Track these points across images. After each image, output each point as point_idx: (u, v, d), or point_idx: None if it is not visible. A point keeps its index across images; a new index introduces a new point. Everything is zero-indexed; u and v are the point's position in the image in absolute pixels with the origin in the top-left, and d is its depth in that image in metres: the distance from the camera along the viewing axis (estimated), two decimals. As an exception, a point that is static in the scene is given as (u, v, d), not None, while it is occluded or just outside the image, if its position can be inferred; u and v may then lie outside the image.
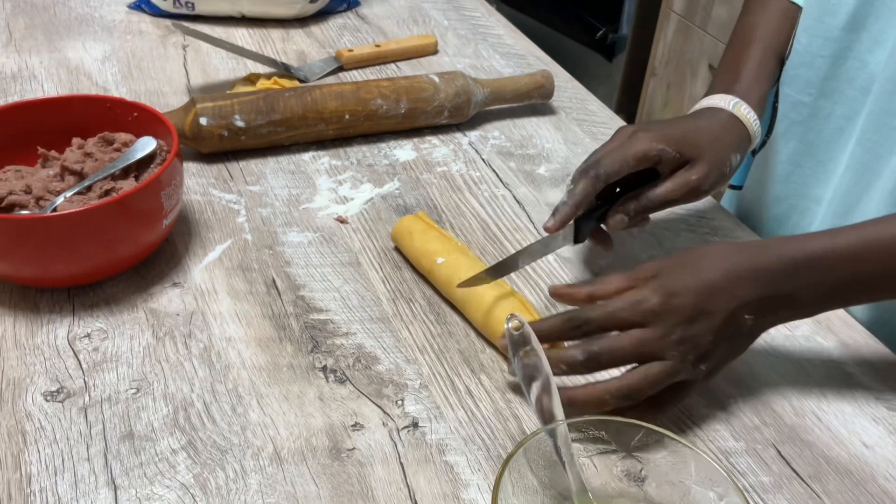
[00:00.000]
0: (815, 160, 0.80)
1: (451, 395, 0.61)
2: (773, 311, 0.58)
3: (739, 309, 0.57)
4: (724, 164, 0.69)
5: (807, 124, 0.79)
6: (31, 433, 0.56)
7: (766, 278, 0.57)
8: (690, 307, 0.56)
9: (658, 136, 0.66)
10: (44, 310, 0.66)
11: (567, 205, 0.65)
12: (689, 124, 0.70)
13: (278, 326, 0.66)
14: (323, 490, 0.54)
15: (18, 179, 0.69)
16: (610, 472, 0.53)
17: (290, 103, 0.84)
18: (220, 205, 0.79)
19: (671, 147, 0.66)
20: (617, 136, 0.68)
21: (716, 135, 0.69)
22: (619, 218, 0.67)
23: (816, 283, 0.57)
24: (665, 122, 0.69)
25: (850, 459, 0.59)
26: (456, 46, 1.10)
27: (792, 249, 0.58)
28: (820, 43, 0.75)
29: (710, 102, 0.73)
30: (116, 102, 0.74)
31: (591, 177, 0.65)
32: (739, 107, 0.72)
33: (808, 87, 0.78)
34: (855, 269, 0.57)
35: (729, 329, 0.57)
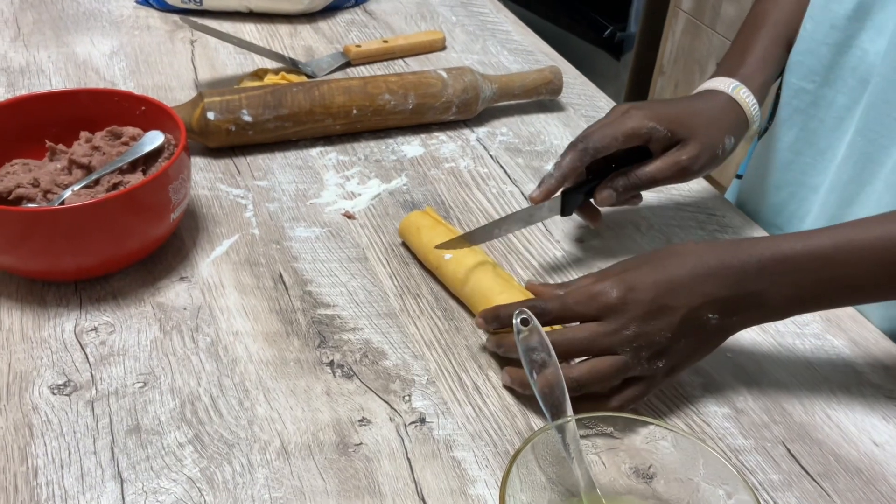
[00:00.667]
0: (815, 149, 0.80)
1: (459, 391, 0.61)
2: (740, 311, 0.57)
3: (702, 307, 0.56)
4: (716, 147, 0.69)
5: (808, 112, 0.79)
6: (38, 426, 0.56)
7: (733, 277, 0.56)
8: (648, 303, 0.56)
9: (651, 114, 0.67)
10: (51, 303, 0.65)
11: (553, 176, 0.66)
12: (685, 105, 0.70)
13: (285, 321, 0.66)
14: (330, 485, 0.53)
15: (26, 172, 0.69)
16: (618, 469, 0.53)
17: (298, 98, 0.84)
18: (228, 199, 0.78)
19: (663, 126, 0.66)
20: (611, 113, 0.69)
21: (711, 117, 0.69)
22: (607, 193, 0.68)
23: (784, 284, 0.56)
24: (661, 102, 0.70)
25: (860, 457, 0.58)
26: (464, 42, 1.10)
27: (762, 249, 0.57)
28: (825, 30, 0.75)
29: (711, 85, 0.73)
30: (124, 96, 0.74)
31: (579, 150, 0.66)
32: (739, 90, 0.72)
33: (811, 74, 0.77)
34: (824, 271, 0.56)
35: (690, 327, 0.56)
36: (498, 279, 0.66)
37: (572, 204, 0.68)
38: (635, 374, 0.57)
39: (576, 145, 0.66)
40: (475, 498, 0.54)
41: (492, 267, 0.68)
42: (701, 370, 0.64)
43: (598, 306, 0.57)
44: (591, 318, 0.57)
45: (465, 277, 0.67)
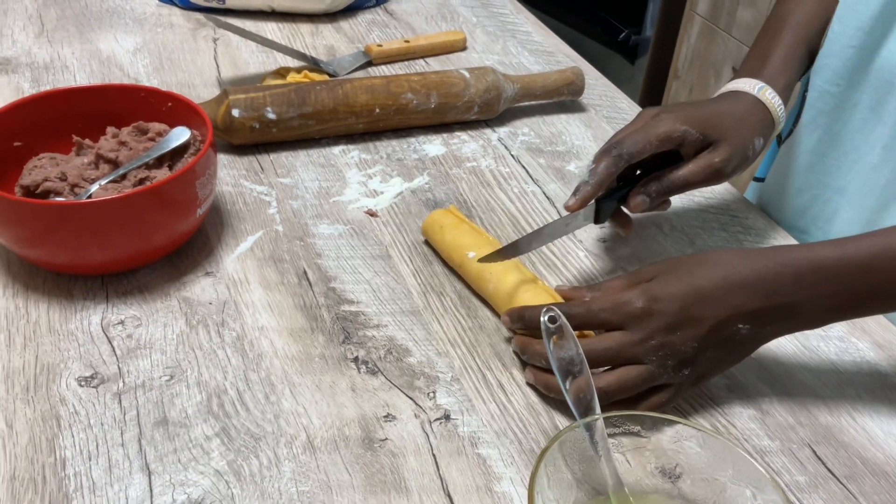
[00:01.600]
0: (839, 151, 0.79)
1: (483, 389, 0.61)
2: (773, 321, 0.57)
3: (731, 318, 0.56)
4: (746, 148, 0.68)
5: (833, 115, 0.79)
6: (66, 418, 0.56)
7: (766, 288, 0.56)
8: (673, 313, 0.56)
9: (681, 117, 0.66)
10: (77, 296, 0.66)
11: (589, 184, 0.65)
12: (714, 107, 0.70)
13: (310, 317, 0.66)
14: (356, 479, 0.54)
15: (53, 166, 0.70)
16: (644, 469, 0.53)
17: (322, 96, 0.84)
18: (252, 196, 0.79)
19: (695, 128, 0.66)
20: (640, 118, 0.69)
21: (739, 118, 0.69)
22: (641, 199, 0.67)
23: (821, 294, 0.56)
24: (689, 104, 0.69)
25: (886, 460, 0.58)
26: (484, 43, 1.10)
27: (797, 258, 0.56)
28: (850, 33, 0.75)
29: (735, 86, 0.73)
30: (151, 92, 0.74)
31: (613, 156, 0.65)
32: (764, 91, 0.71)
33: (836, 77, 0.77)
34: (862, 280, 0.55)
35: (717, 337, 0.56)
36: (522, 277, 0.66)
37: (606, 211, 0.67)
38: (661, 382, 0.57)
39: (609, 151, 0.65)
40: (501, 495, 0.54)
41: (515, 265, 0.68)
42: (726, 372, 0.63)
43: (623, 315, 0.57)
44: (615, 327, 0.57)
45: (489, 276, 0.67)
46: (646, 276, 0.59)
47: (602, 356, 0.57)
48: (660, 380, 0.57)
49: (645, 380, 0.57)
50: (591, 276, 0.73)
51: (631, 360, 0.57)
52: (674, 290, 0.57)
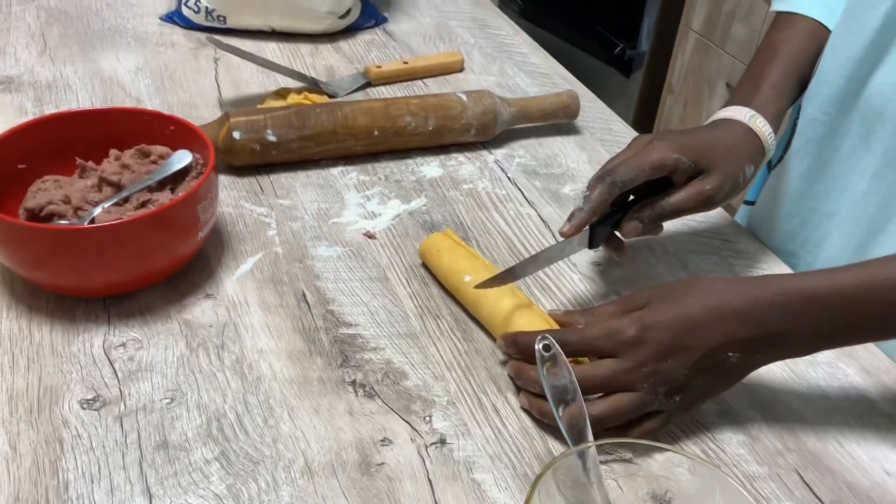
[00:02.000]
0: (829, 177, 0.81)
1: (478, 413, 0.62)
2: (763, 349, 0.58)
3: (722, 346, 0.57)
4: (738, 175, 0.70)
5: (823, 142, 0.80)
6: (68, 440, 0.57)
7: (756, 318, 0.57)
8: (665, 342, 0.57)
9: (674, 145, 0.68)
10: (80, 318, 0.67)
11: (583, 210, 0.66)
12: (705, 135, 0.71)
13: (308, 340, 0.67)
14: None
15: (57, 189, 0.71)
16: (636, 495, 0.54)
17: (321, 119, 0.86)
18: (252, 217, 0.80)
19: (686, 157, 0.67)
20: (633, 145, 0.70)
21: (731, 146, 0.71)
22: (634, 224, 0.69)
23: (811, 324, 0.57)
24: (681, 132, 0.71)
25: (872, 486, 0.59)
26: (482, 64, 1.12)
27: (787, 288, 0.57)
28: (842, 62, 0.76)
29: (726, 114, 0.74)
30: (154, 116, 0.76)
31: (607, 183, 0.66)
32: (755, 119, 0.73)
33: (826, 105, 0.79)
34: (852, 310, 0.56)
35: (707, 365, 0.57)
36: (517, 302, 0.67)
37: (600, 236, 0.69)
38: (653, 408, 0.59)
39: (603, 179, 0.67)
40: (495, 519, 0.55)
41: (510, 289, 0.69)
42: (717, 398, 0.65)
43: (615, 343, 0.58)
44: (608, 354, 0.59)
45: (484, 299, 0.68)
46: (638, 303, 0.60)
47: (595, 383, 0.58)
48: (651, 406, 0.58)
49: (637, 407, 0.58)
50: (584, 299, 0.74)
51: (623, 388, 0.58)
52: (665, 319, 0.58)
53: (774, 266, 0.81)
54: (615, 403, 0.58)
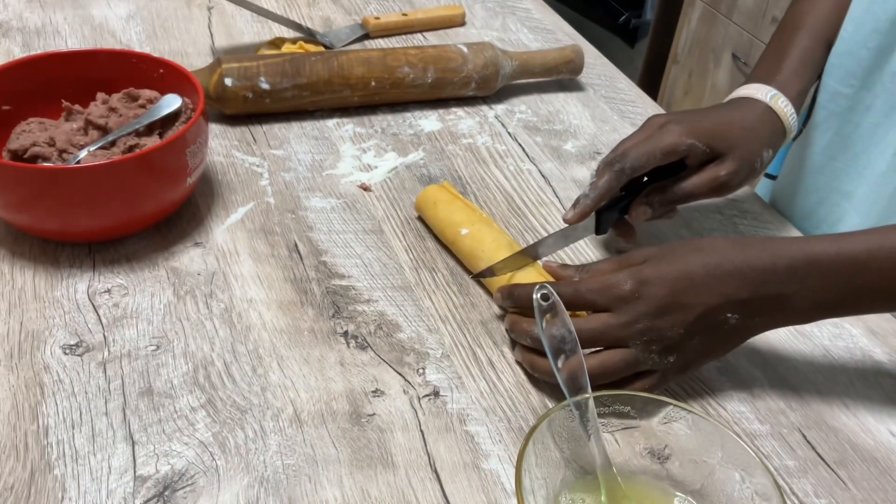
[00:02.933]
0: (850, 153, 0.78)
1: (473, 366, 0.61)
2: (763, 312, 0.56)
3: (721, 306, 0.55)
4: (754, 160, 0.67)
5: (844, 117, 0.77)
6: (49, 385, 0.56)
7: (757, 278, 0.55)
8: (662, 297, 0.55)
9: (689, 129, 0.65)
10: (64, 264, 0.65)
11: (589, 197, 0.64)
12: (723, 116, 0.68)
13: (300, 290, 0.65)
14: (342, 454, 0.53)
15: (42, 131, 0.69)
16: (633, 449, 0.53)
17: (317, 67, 0.83)
18: (243, 167, 0.78)
19: (701, 141, 0.65)
20: (646, 127, 0.67)
21: (749, 128, 0.67)
22: (643, 209, 0.66)
23: (813, 288, 0.55)
24: (697, 113, 0.67)
25: (876, 446, 0.58)
26: (484, 19, 1.09)
27: (792, 251, 0.55)
28: (866, 34, 0.73)
29: (747, 92, 0.71)
30: (142, 58, 0.73)
31: (615, 170, 0.64)
32: (777, 99, 0.69)
33: (849, 77, 0.75)
34: (857, 276, 0.54)
35: (704, 325, 0.55)
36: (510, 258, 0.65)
37: (607, 222, 0.67)
38: (646, 367, 0.57)
39: (612, 165, 0.64)
40: (488, 472, 0.53)
41: (508, 243, 0.67)
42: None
43: (610, 297, 0.56)
44: (602, 309, 0.57)
45: (481, 253, 0.66)
46: (637, 260, 0.58)
47: (587, 337, 0.56)
48: (644, 365, 0.56)
49: (628, 364, 0.56)
50: (584, 258, 0.72)
51: (616, 344, 0.56)
52: (663, 275, 0.56)
53: (782, 229, 0.79)
54: (605, 359, 0.56)
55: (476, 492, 0.52)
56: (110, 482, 0.50)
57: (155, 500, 0.49)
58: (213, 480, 0.51)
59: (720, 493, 0.49)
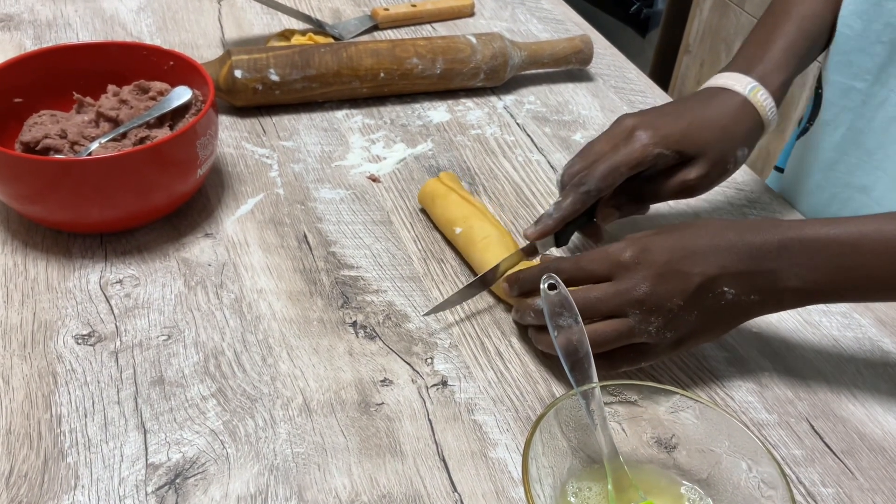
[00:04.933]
0: (863, 149, 0.76)
1: (481, 356, 0.61)
2: (758, 289, 0.55)
3: (719, 277, 0.55)
4: (727, 161, 0.66)
5: (858, 111, 0.76)
6: (62, 375, 0.56)
7: (752, 253, 0.55)
8: (661, 264, 0.55)
9: (657, 136, 0.63)
10: (76, 255, 0.66)
11: (552, 217, 0.63)
12: (696, 114, 0.66)
13: (309, 281, 0.65)
14: (351, 442, 0.54)
15: (53, 124, 0.69)
16: (640, 439, 0.53)
17: (326, 59, 0.83)
18: (253, 159, 0.78)
19: (670, 149, 0.64)
20: (614, 133, 0.65)
21: (723, 127, 0.66)
22: (610, 211, 0.67)
23: (804, 266, 0.54)
24: (668, 115, 0.65)
25: (884, 436, 0.58)
26: (493, 9, 1.09)
27: (784, 229, 0.55)
28: (879, 28, 0.72)
29: (725, 82, 0.69)
30: (153, 50, 0.74)
31: (580, 193, 0.63)
32: (756, 92, 0.67)
33: (863, 73, 0.74)
34: (847, 259, 0.54)
35: (703, 297, 0.55)
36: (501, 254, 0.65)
37: (568, 234, 0.66)
38: (640, 340, 0.56)
39: (577, 187, 0.63)
40: (495, 461, 0.54)
41: (496, 241, 0.66)
42: (726, 344, 0.63)
43: (610, 265, 0.56)
44: (603, 278, 0.57)
45: (472, 249, 0.67)
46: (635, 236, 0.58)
47: (585, 306, 0.55)
48: (639, 337, 0.56)
49: (621, 334, 0.55)
50: (584, 248, 0.72)
51: (614, 313, 0.56)
52: (664, 244, 0.56)
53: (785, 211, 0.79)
54: (599, 328, 0.55)
55: (483, 480, 0.52)
56: (122, 470, 0.51)
57: (166, 487, 0.50)
58: (223, 468, 0.51)
59: (727, 482, 0.50)
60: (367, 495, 0.51)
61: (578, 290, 0.57)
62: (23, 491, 0.49)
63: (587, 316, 0.56)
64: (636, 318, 0.55)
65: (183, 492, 0.50)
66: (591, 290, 0.56)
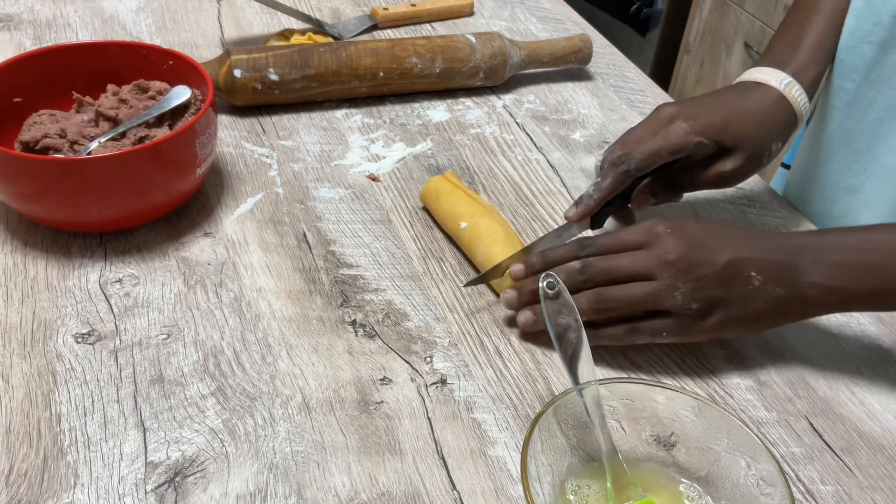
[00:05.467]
0: (852, 150, 0.76)
1: (480, 354, 0.61)
2: (782, 283, 0.57)
3: (747, 259, 0.57)
4: (762, 154, 0.67)
5: (846, 111, 0.76)
6: (62, 373, 0.56)
7: (777, 247, 0.58)
8: (696, 238, 0.57)
9: (697, 126, 0.65)
10: (76, 254, 0.66)
11: (593, 198, 0.65)
12: (734, 106, 0.67)
13: (308, 280, 0.66)
14: (351, 440, 0.54)
15: (53, 123, 0.69)
16: (639, 437, 0.53)
17: (325, 58, 0.83)
18: (253, 158, 0.78)
19: (709, 138, 0.65)
20: (654, 119, 0.66)
21: (761, 120, 0.67)
22: (645, 198, 0.68)
23: (823, 262, 0.56)
24: (708, 103, 0.67)
25: (883, 434, 0.58)
26: (492, 9, 1.09)
27: (803, 233, 0.59)
28: (868, 28, 0.72)
29: (760, 76, 0.70)
30: (152, 50, 0.74)
31: (620, 172, 0.65)
32: (791, 87, 0.68)
33: (851, 72, 0.74)
34: (867, 255, 0.56)
35: (732, 278, 0.56)
36: (507, 251, 0.65)
37: (604, 217, 0.67)
38: (666, 306, 0.57)
39: (617, 166, 0.65)
40: (495, 459, 0.54)
41: (504, 237, 0.66)
42: (725, 343, 0.63)
43: (646, 234, 0.58)
44: (636, 246, 0.58)
45: (476, 247, 0.67)
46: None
47: (620, 269, 0.58)
48: (665, 302, 0.57)
49: (648, 294, 0.57)
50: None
51: (643, 274, 0.57)
52: (696, 225, 0.59)
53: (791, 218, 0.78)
54: (626, 287, 0.57)
55: (483, 478, 0.52)
56: (122, 468, 0.51)
57: (166, 485, 0.50)
58: (223, 466, 0.51)
59: (726, 480, 0.50)
60: (367, 493, 0.51)
61: (611, 256, 0.59)
62: (22, 489, 0.49)
63: (617, 278, 0.58)
64: (665, 282, 0.57)
65: (182, 490, 0.50)
66: (623, 256, 0.58)
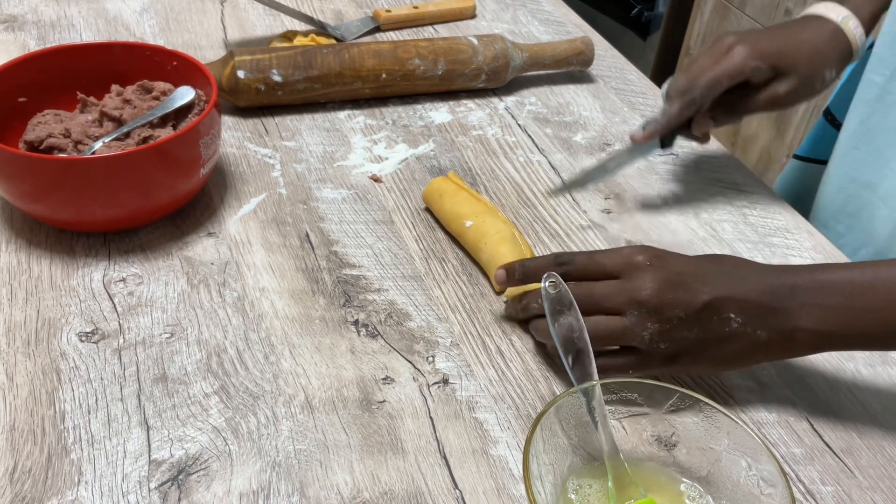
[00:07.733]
0: (871, 145, 0.77)
1: (482, 354, 0.61)
2: (766, 326, 0.54)
3: (728, 300, 0.53)
4: (816, 79, 0.71)
5: (872, 106, 0.77)
6: (66, 372, 0.57)
7: (766, 288, 0.54)
8: (673, 274, 0.54)
9: (755, 51, 0.69)
10: (80, 253, 0.66)
11: (660, 123, 0.70)
12: (790, 35, 0.72)
13: (311, 280, 0.66)
14: (353, 439, 0.54)
15: (57, 123, 0.70)
16: (640, 436, 0.53)
17: (328, 60, 0.84)
18: (256, 159, 0.78)
19: (765, 64, 0.69)
20: (715, 49, 0.71)
21: (815, 48, 0.71)
22: (706, 121, 0.72)
23: (815, 305, 0.53)
24: (766, 34, 0.71)
25: (883, 435, 0.58)
26: (494, 11, 1.09)
27: (798, 271, 0.55)
28: None
29: (819, 10, 0.74)
30: (156, 51, 0.74)
31: (687, 101, 0.70)
32: (848, 21, 0.72)
33: (881, 66, 0.76)
34: (860, 300, 0.53)
35: (708, 319, 0.54)
36: (516, 250, 0.66)
37: (671, 140, 0.73)
38: (632, 342, 0.55)
39: (683, 94, 0.70)
40: (496, 458, 0.54)
41: (510, 236, 0.67)
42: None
43: (622, 263, 0.56)
44: (613, 276, 0.56)
45: (483, 246, 0.67)
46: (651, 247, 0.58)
47: (586, 298, 0.55)
48: (631, 339, 0.54)
49: (613, 332, 0.54)
50: (594, 247, 0.73)
51: (613, 310, 0.55)
52: (679, 258, 0.56)
53: (790, 220, 0.79)
54: (592, 320, 0.55)
55: (484, 477, 0.53)
56: (125, 466, 0.51)
57: (169, 483, 0.50)
58: (226, 465, 0.52)
59: (727, 480, 0.50)
60: (369, 492, 0.51)
61: (583, 284, 0.57)
62: (27, 487, 0.49)
63: (587, 309, 0.55)
64: (633, 319, 0.54)
65: (186, 488, 0.50)
66: (595, 285, 0.56)
